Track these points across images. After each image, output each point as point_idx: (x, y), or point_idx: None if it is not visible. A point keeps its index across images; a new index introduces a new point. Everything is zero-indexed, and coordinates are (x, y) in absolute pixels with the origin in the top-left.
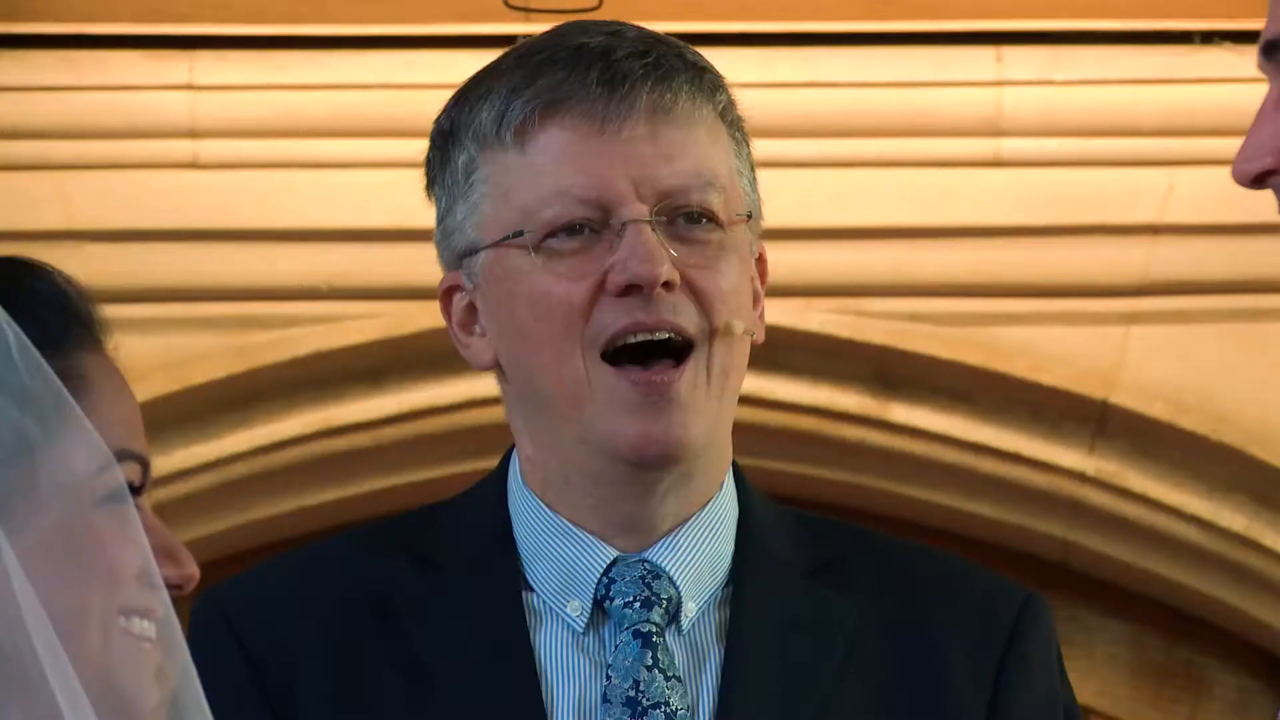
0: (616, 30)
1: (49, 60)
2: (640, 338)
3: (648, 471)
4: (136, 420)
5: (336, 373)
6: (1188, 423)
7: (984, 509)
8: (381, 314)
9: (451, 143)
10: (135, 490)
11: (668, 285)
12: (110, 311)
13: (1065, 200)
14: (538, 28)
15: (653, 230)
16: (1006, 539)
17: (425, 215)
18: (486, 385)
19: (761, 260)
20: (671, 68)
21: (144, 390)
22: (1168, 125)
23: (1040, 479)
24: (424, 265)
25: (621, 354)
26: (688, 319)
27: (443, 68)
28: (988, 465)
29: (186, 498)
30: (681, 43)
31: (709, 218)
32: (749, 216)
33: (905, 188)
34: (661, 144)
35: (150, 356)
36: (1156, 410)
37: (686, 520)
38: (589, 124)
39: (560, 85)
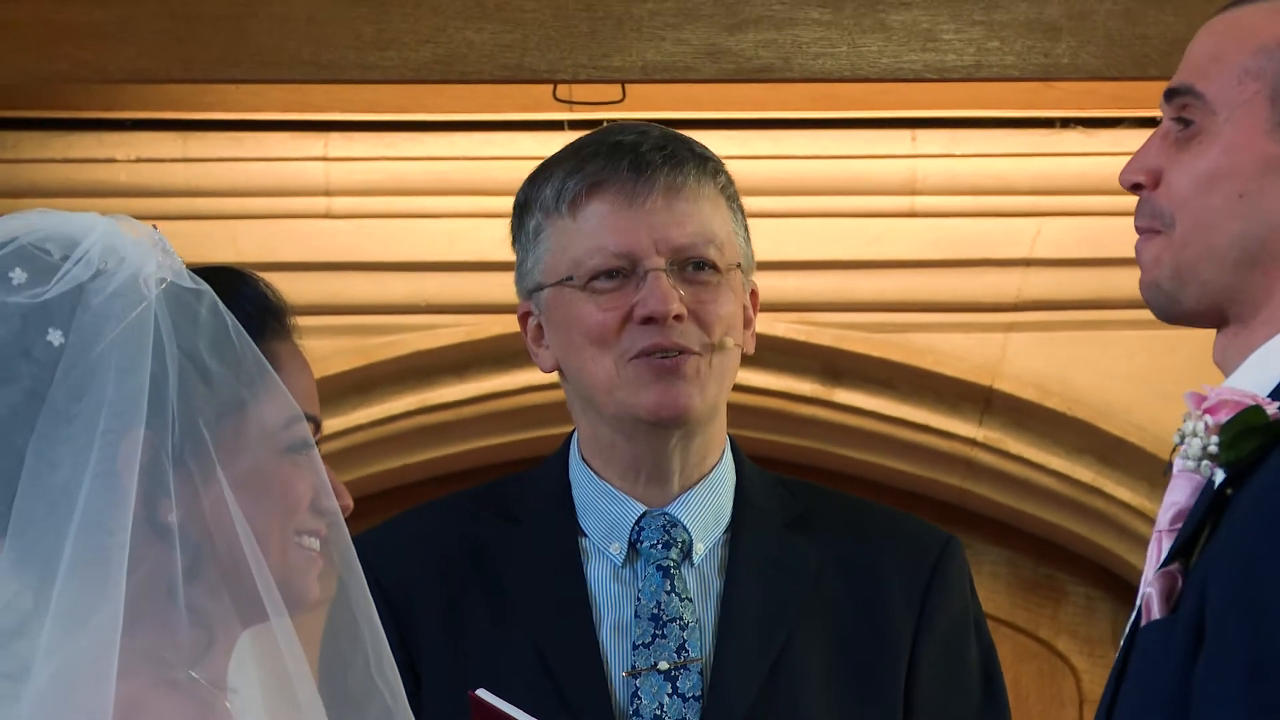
0: (644, 130)
1: (223, 139)
2: (657, 355)
3: (662, 428)
4: (314, 391)
5: (431, 367)
6: (1051, 403)
7: (903, 466)
8: (464, 324)
9: (525, 212)
10: (309, 444)
11: (678, 317)
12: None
13: (962, 241)
14: (577, 116)
15: (667, 276)
16: (919, 488)
17: (496, 253)
18: (540, 377)
19: (754, 294)
20: (683, 158)
21: None
22: (1036, 187)
23: (943, 444)
24: (495, 289)
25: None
26: (692, 339)
27: (508, 144)
28: (905, 434)
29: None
30: (692, 139)
31: (709, 265)
32: (739, 266)
33: (845, 232)
34: (675, 213)
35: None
36: (1027, 394)
37: (695, 483)
38: (622, 199)
39: (601, 171)
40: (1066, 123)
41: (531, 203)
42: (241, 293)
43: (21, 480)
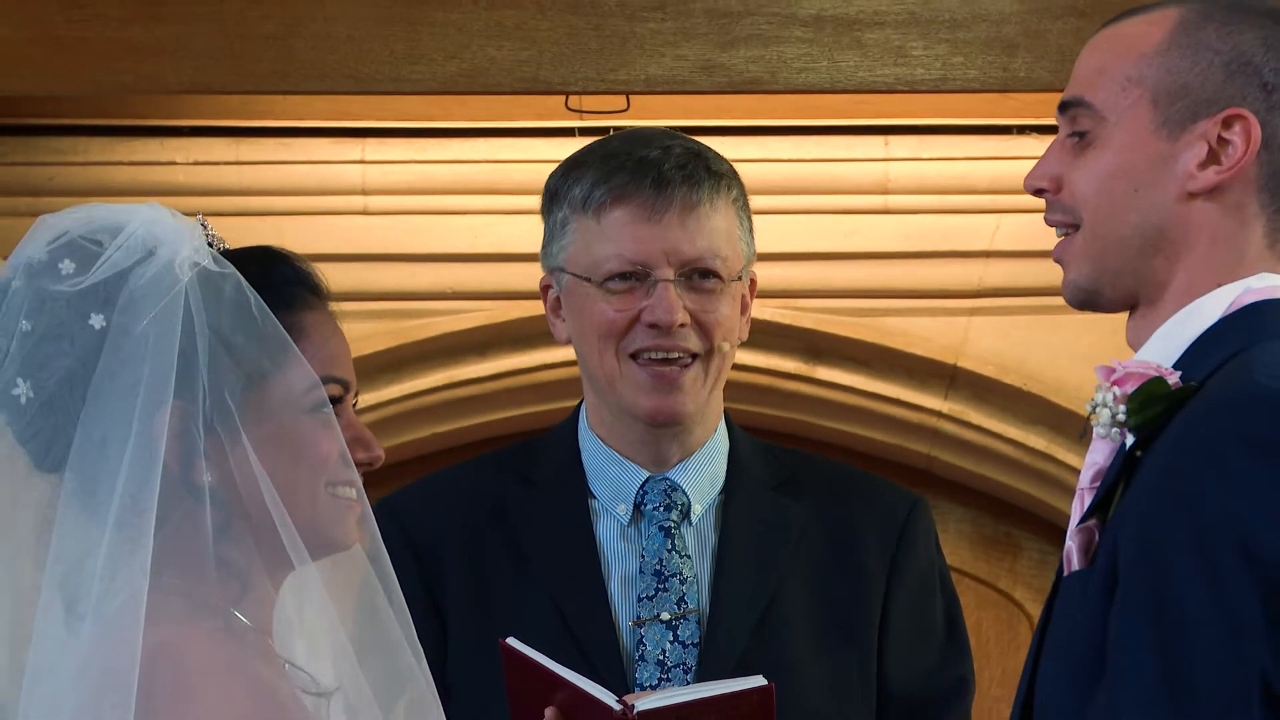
0: (668, 146)
1: (271, 144)
2: (660, 355)
3: (658, 428)
4: (343, 354)
5: (457, 347)
6: (1008, 380)
7: (877, 435)
8: (486, 309)
9: (554, 202)
10: (337, 400)
11: (681, 324)
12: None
13: (929, 235)
14: (587, 124)
15: (674, 285)
16: (891, 455)
17: (515, 245)
18: (555, 355)
19: (753, 282)
20: (699, 179)
21: None
22: (995, 187)
23: (913, 415)
24: (513, 277)
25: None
26: (693, 343)
27: (525, 149)
28: (879, 407)
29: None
30: (713, 153)
31: (714, 275)
32: (740, 277)
33: (824, 227)
34: (687, 229)
35: None
36: (988, 371)
37: (693, 453)
38: (641, 213)
39: (625, 186)
40: (1023, 129)
41: (561, 196)
42: (273, 269)
43: (72, 452)
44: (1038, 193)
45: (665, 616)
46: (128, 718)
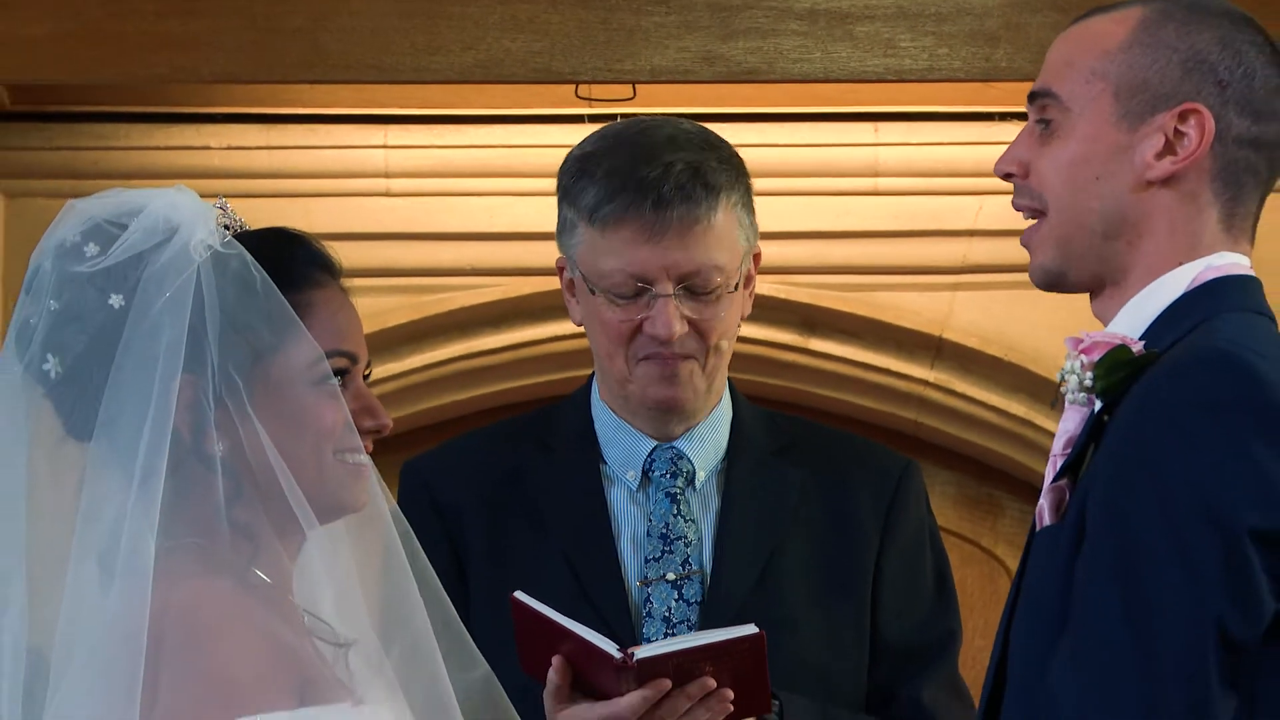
0: (669, 164)
1: (299, 130)
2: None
3: (664, 414)
4: (352, 328)
5: (473, 320)
6: (990, 350)
7: (868, 403)
8: (502, 284)
9: (566, 199)
10: (344, 372)
11: (682, 335)
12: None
13: (916, 215)
14: (595, 111)
15: (674, 298)
16: (881, 421)
17: (529, 225)
18: (566, 328)
19: (756, 257)
20: (697, 197)
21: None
22: (978, 170)
23: (901, 384)
24: (527, 255)
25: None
26: (692, 347)
27: (537, 134)
28: (870, 376)
29: (385, 394)
30: (714, 161)
31: (711, 286)
32: (740, 267)
33: (819, 208)
34: (686, 247)
35: (364, 308)
36: (971, 343)
37: (698, 423)
38: (642, 234)
39: (628, 207)
40: (1004, 116)
41: (572, 196)
42: (285, 249)
43: (98, 422)
44: (1006, 177)
45: (671, 577)
46: (138, 670)
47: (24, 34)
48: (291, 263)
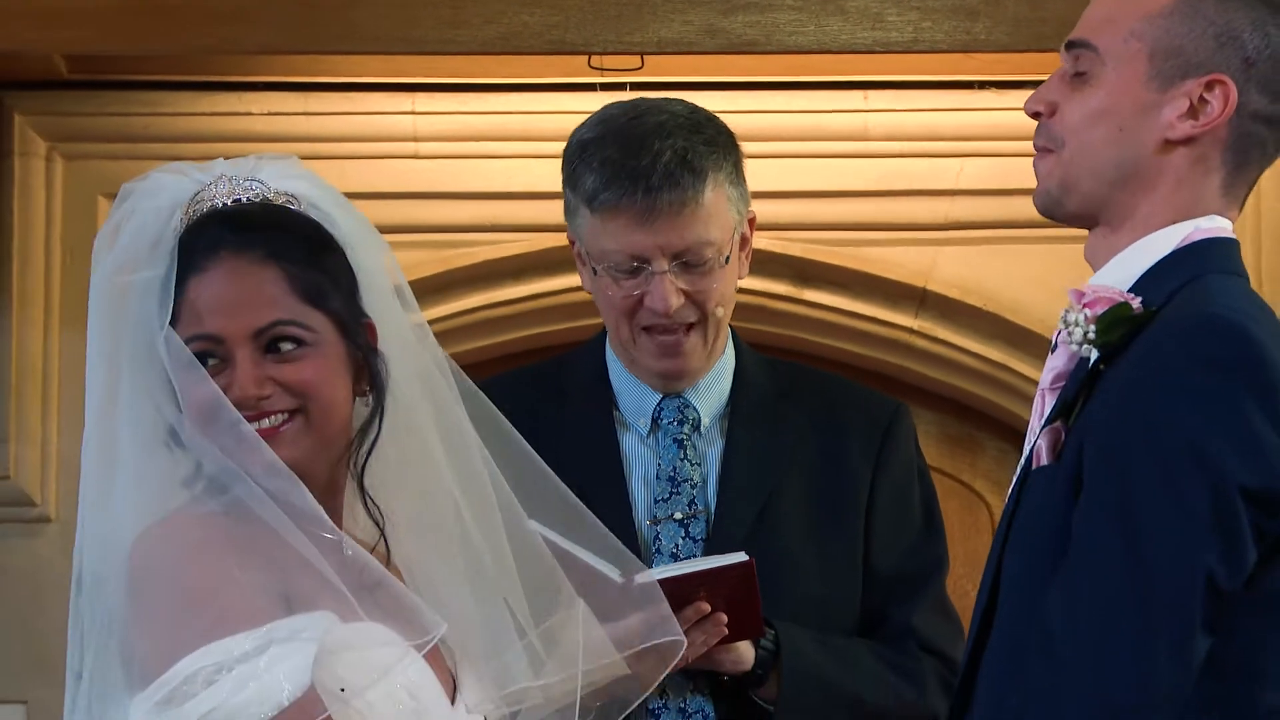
0: (658, 152)
1: (335, 98)
2: (660, 329)
3: (669, 382)
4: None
5: (495, 272)
6: (970, 300)
7: (856, 349)
8: (521, 240)
9: (569, 180)
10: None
11: (679, 306)
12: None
13: (903, 175)
14: (606, 80)
15: (669, 274)
16: (870, 366)
17: (544, 185)
18: (579, 280)
19: (751, 220)
20: (685, 183)
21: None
22: (960, 134)
23: (887, 331)
24: (544, 213)
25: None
26: (690, 316)
27: (553, 102)
28: (859, 324)
29: None
30: (700, 145)
31: (704, 260)
32: (733, 234)
33: (812, 169)
34: (677, 228)
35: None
36: (953, 294)
37: (703, 375)
38: (635, 220)
39: (621, 197)
40: (983, 85)
41: (575, 179)
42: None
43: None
44: (1035, 115)
45: (678, 516)
46: (119, 597)
47: (81, 7)
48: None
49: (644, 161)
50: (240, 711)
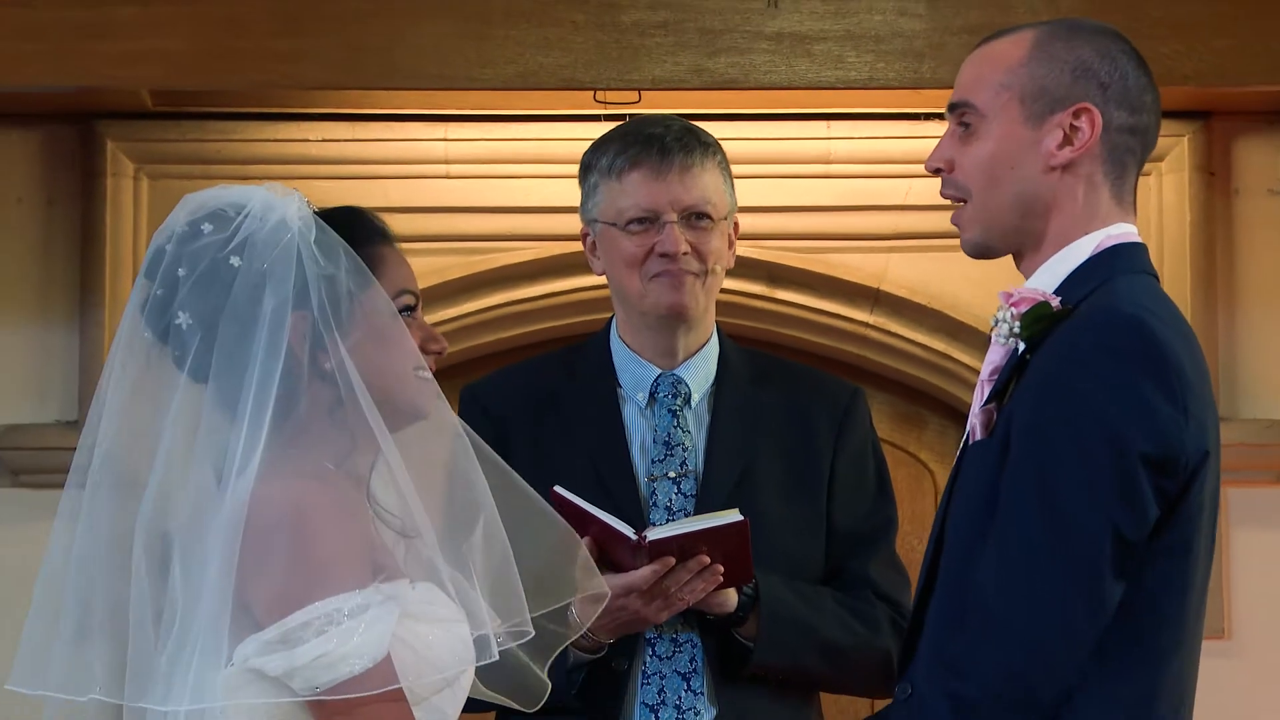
0: (668, 124)
1: (379, 127)
2: (667, 275)
3: (673, 321)
4: (410, 274)
5: (514, 275)
6: (917, 299)
7: (821, 340)
8: (535, 248)
9: (588, 171)
10: (412, 309)
11: (684, 253)
12: (407, 246)
13: (860, 193)
14: (609, 112)
15: (678, 226)
16: (832, 355)
17: (557, 201)
18: (586, 282)
19: (736, 225)
20: (692, 146)
21: (427, 280)
22: (909, 159)
23: (846, 325)
24: (556, 225)
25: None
26: (694, 266)
27: (564, 130)
28: (823, 320)
29: (445, 333)
30: (701, 130)
31: (707, 217)
32: (726, 217)
33: (783, 188)
34: (685, 184)
35: (429, 265)
36: (902, 293)
37: (693, 356)
38: (650, 174)
39: (638, 155)
40: (929, 116)
41: (593, 166)
42: (357, 222)
43: (213, 365)
44: (935, 172)
45: (672, 475)
46: (234, 552)
47: (164, 49)
48: (358, 229)
49: (657, 130)
50: (341, 661)
